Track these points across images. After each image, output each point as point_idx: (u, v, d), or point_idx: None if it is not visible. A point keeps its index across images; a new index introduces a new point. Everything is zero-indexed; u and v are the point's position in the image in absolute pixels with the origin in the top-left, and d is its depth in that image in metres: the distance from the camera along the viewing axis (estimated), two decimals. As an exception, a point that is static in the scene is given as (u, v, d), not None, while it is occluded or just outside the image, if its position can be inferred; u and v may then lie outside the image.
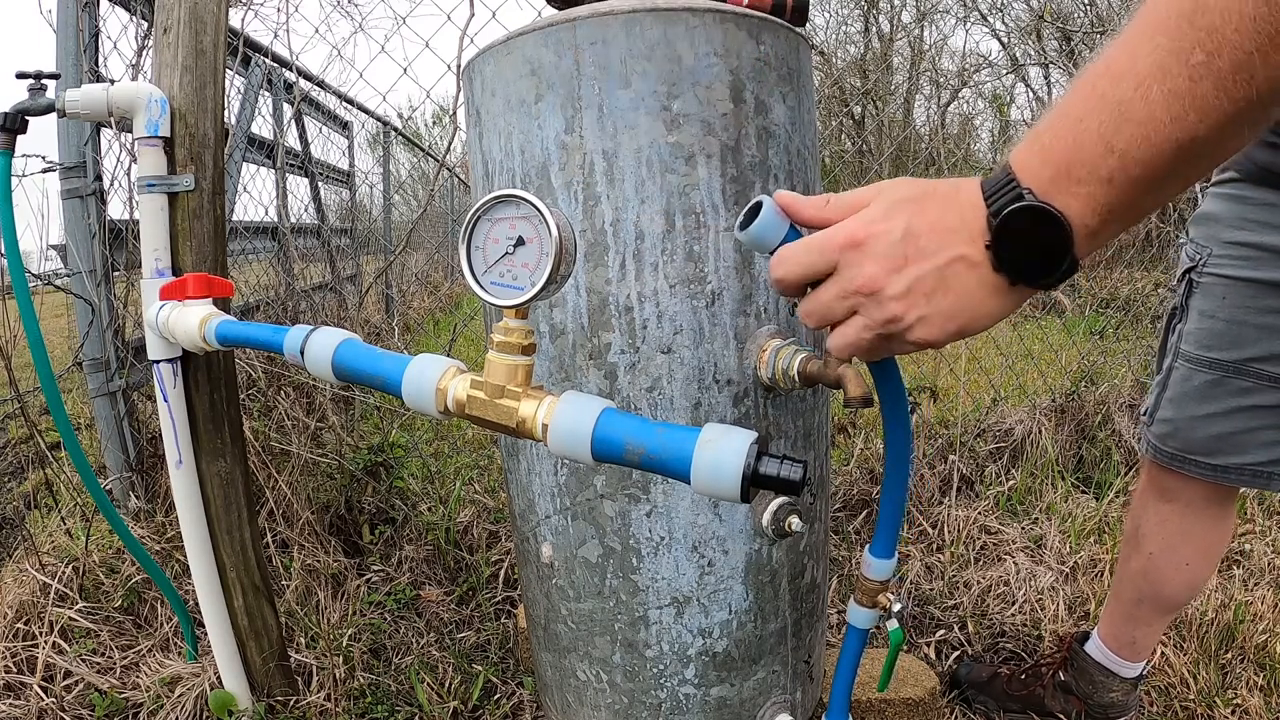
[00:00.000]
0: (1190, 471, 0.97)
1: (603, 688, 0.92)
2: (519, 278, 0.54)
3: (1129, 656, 1.10)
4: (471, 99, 0.88)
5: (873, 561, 0.77)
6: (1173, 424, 0.98)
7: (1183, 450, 0.97)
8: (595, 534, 0.86)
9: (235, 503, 1.14)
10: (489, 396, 0.57)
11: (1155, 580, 1.05)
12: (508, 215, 0.54)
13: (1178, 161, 0.42)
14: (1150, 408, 1.02)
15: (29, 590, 1.33)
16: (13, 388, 1.51)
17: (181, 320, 0.94)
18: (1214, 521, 1.02)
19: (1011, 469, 2.04)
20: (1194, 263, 0.95)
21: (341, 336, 0.71)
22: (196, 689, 1.19)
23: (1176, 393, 0.97)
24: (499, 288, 0.55)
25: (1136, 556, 1.07)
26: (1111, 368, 2.44)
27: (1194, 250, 0.95)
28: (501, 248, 0.55)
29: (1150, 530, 1.05)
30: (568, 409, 0.54)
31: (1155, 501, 1.04)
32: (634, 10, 0.74)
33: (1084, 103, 0.44)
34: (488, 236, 0.56)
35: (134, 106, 1.00)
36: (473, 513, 1.80)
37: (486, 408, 0.57)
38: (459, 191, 7.73)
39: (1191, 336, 0.95)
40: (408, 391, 0.61)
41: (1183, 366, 0.96)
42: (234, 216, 2.24)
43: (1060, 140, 0.45)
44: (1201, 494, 1.00)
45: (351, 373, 0.68)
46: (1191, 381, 0.95)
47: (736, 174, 0.79)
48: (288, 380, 1.86)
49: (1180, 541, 1.03)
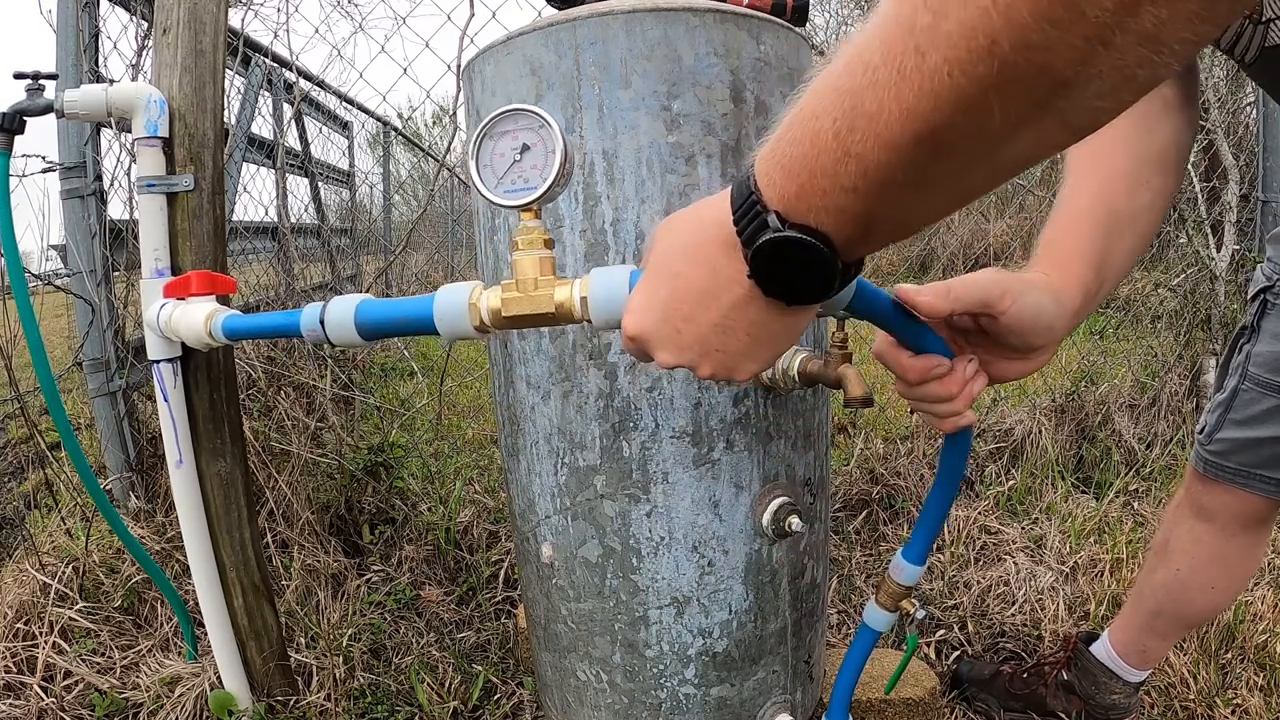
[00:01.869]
0: (1254, 488, 0.93)
1: (603, 688, 0.92)
2: (529, 180, 0.60)
3: (1136, 664, 1.09)
4: (471, 99, 0.88)
5: (905, 566, 0.77)
6: (1236, 443, 0.94)
7: (1247, 466, 0.93)
8: (595, 534, 0.86)
9: (235, 502, 1.14)
10: (523, 292, 0.61)
11: (1179, 598, 1.03)
12: (510, 129, 0.60)
13: (923, 162, 0.35)
14: (1209, 427, 0.97)
15: (29, 590, 1.33)
16: (13, 388, 1.51)
17: (185, 317, 0.93)
18: (1248, 549, 0.99)
19: (1011, 469, 2.04)
20: (1271, 283, 0.90)
21: (357, 298, 0.72)
22: (196, 689, 1.19)
23: (1243, 416, 0.93)
24: (511, 193, 0.61)
25: (1163, 569, 1.04)
26: (1111, 368, 2.44)
27: (1271, 270, 0.91)
28: (508, 159, 0.61)
29: (1182, 547, 1.02)
30: (600, 277, 0.58)
31: (1191, 519, 1.01)
32: (634, 10, 0.74)
33: (821, 97, 0.37)
34: (493, 153, 0.61)
35: (133, 107, 1.00)
36: (473, 513, 1.80)
37: (523, 303, 0.61)
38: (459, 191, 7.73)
39: (1262, 359, 0.91)
40: (441, 316, 0.64)
41: (1251, 389, 0.92)
42: (234, 216, 2.25)
43: (798, 146, 0.38)
44: (1243, 517, 0.97)
45: (377, 324, 0.70)
46: (1260, 405, 0.91)
47: (737, 174, 0.79)
48: (288, 380, 1.87)
49: (1210, 564, 1.00)
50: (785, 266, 0.42)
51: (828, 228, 0.40)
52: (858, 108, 0.35)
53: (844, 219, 0.39)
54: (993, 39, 0.29)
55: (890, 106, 0.33)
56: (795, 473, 0.88)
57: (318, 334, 0.73)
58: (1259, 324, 0.92)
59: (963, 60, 0.30)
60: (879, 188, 0.36)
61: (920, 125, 0.33)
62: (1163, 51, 0.29)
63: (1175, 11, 0.27)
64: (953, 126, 0.32)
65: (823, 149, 0.37)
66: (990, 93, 0.31)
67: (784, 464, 0.87)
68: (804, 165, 0.38)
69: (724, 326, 0.46)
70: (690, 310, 0.47)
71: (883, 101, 0.33)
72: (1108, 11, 0.27)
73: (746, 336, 0.47)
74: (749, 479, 0.84)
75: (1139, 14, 0.27)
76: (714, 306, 0.46)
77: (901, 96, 0.33)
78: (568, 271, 0.80)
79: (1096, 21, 0.28)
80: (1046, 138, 0.34)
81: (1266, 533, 1.00)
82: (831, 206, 0.39)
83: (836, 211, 0.39)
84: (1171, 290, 2.47)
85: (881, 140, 0.34)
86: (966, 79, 0.31)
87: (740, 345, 0.47)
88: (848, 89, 0.35)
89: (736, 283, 0.44)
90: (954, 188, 0.37)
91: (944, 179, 0.36)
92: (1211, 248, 2.32)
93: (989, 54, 0.30)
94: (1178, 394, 2.23)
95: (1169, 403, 2.21)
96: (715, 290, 0.45)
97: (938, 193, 0.38)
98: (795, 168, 0.39)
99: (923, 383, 0.58)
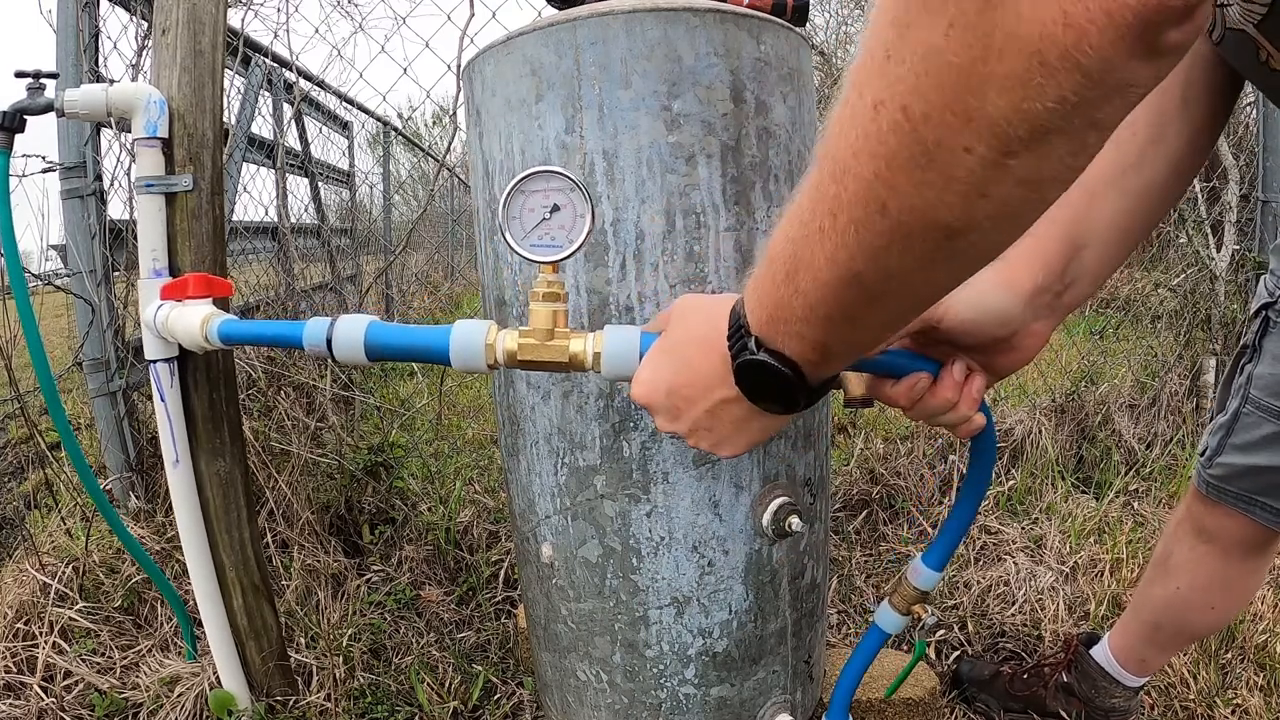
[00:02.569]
0: (1255, 515, 0.90)
1: (603, 688, 0.92)
2: (555, 238, 0.65)
3: (1136, 671, 1.09)
4: (472, 99, 0.88)
5: (923, 570, 0.77)
6: (1236, 469, 0.90)
7: (1248, 492, 0.90)
8: (595, 534, 0.86)
9: (234, 502, 1.14)
10: (540, 340, 0.66)
11: (1178, 615, 1.02)
12: (541, 188, 0.64)
13: (858, 298, 0.40)
14: (1210, 449, 0.93)
15: (29, 590, 1.32)
16: (13, 388, 1.51)
17: (182, 319, 0.93)
18: (1249, 574, 0.97)
19: (1011, 469, 2.04)
20: (1273, 298, 0.85)
21: (366, 319, 0.72)
22: (196, 689, 1.19)
23: (1243, 441, 0.89)
24: (539, 248, 0.65)
25: (1163, 585, 1.02)
26: (1111, 368, 2.44)
27: (1274, 284, 0.85)
28: (538, 215, 0.65)
29: (1182, 565, 1.00)
30: (614, 335, 0.64)
31: (1192, 538, 0.98)
32: (634, 10, 0.74)
33: (779, 244, 0.44)
34: (523, 208, 0.65)
35: (132, 107, 1.00)
36: (473, 513, 1.80)
37: (539, 350, 0.66)
38: (459, 191, 7.72)
39: (1263, 382, 0.86)
40: (457, 352, 0.67)
41: (1253, 414, 0.88)
42: (234, 216, 2.24)
43: (763, 283, 0.46)
44: (1244, 542, 0.94)
45: (387, 349, 0.71)
46: (1260, 430, 0.87)
47: (737, 174, 0.79)
48: (288, 380, 1.86)
49: (1211, 585, 0.98)
50: (760, 383, 0.50)
51: (793, 352, 0.47)
52: (798, 255, 0.42)
53: (805, 345, 0.46)
54: (883, 203, 0.35)
55: (819, 256, 0.40)
56: (795, 473, 0.88)
57: (321, 350, 0.73)
58: (1260, 343, 0.88)
59: (861, 220, 0.36)
60: (824, 320, 0.43)
61: (843, 271, 0.39)
62: (1042, 188, 0.33)
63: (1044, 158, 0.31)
64: (868, 271, 0.38)
65: (779, 286, 0.44)
66: (891, 244, 0.36)
67: (784, 464, 0.87)
68: (770, 298, 0.46)
69: (714, 414, 0.56)
70: (689, 394, 0.56)
71: (814, 252, 0.40)
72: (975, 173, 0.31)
73: (730, 427, 0.56)
74: (749, 479, 0.84)
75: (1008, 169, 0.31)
76: (708, 397, 0.55)
77: (825, 248, 0.39)
78: (567, 271, 0.80)
79: (968, 180, 0.32)
80: (955, 270, 0.39)
81: (1267, 560, 0.97)
82: (793, 334, 0.46)
83: (797, 338, 0.46)
84: (1171, 290, 2.47)
85: (819, 282, 0.41)
86: (870, 234, 0.36)
87: (725, 432, 0.57)
88: (792, 238, 0.42)
89: (727, 385, 0.52)
90: (884, 319, 0.44)
91: (874, 312, 0.42)
92: (1211, 248, 2.32)
93: (882, 214, 0.35)
94: (1178, 394, 2.23)
95: (1169, 403, 2.21)
96: (711, 384, 0.54)
97: (872, 322, 0.44)
98: (765, 300, 0.46)
99: (915, 402, 0.61)
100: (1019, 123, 0.29)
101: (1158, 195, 0.68)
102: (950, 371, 0.60)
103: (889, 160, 0.33)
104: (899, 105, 0.32)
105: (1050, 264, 0.63)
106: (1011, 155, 0.30)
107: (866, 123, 0.33)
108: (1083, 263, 0.64)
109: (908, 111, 0.31)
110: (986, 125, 0.30)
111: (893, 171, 0.33)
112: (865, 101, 0.34)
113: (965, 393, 0.60)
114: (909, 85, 0.31)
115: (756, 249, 0.81)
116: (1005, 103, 0.29)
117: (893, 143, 0.33)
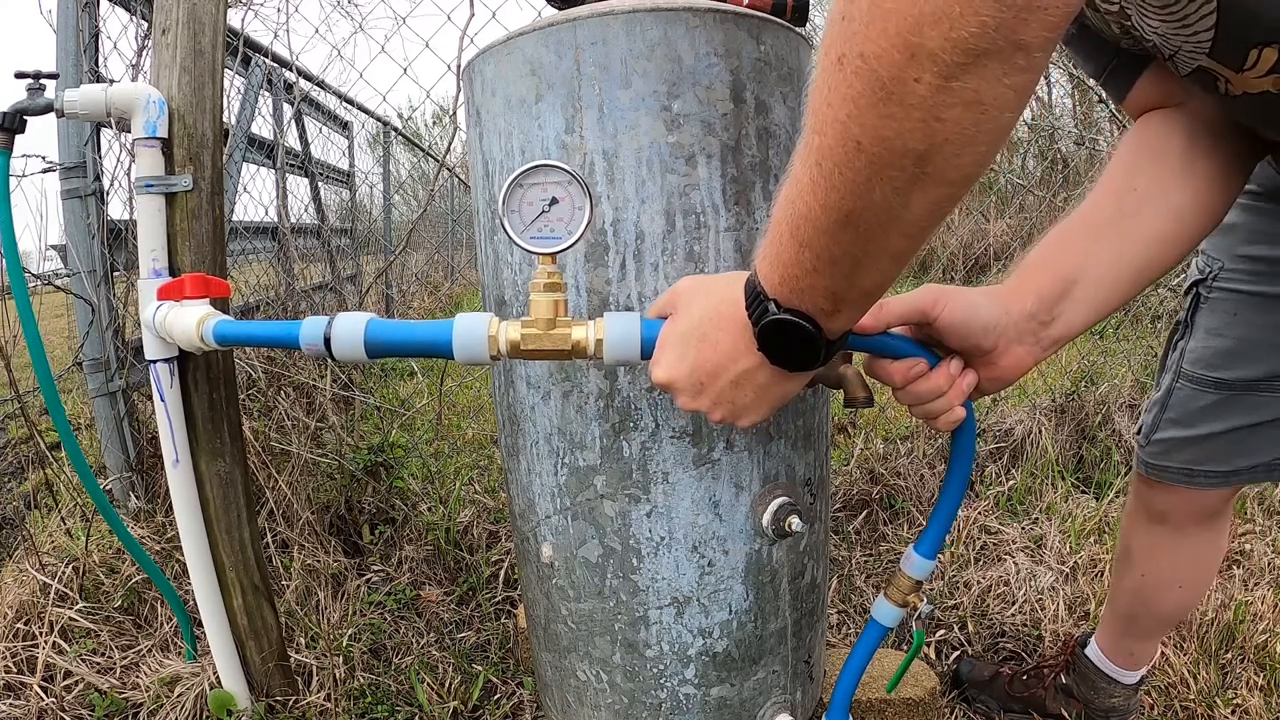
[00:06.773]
0: (1199, 484, 0.92)
1: (603, 688, 0.92)
2: (555, 230, 0.66)
3: (1126, 665, 1.09)
4: (472, 99, 0.88)
5: (916, 559, 0.78)
6: (1175, 442, 0.92)
7: (1189, 464, 0.92)
8: (595, 534, 0.86)
9: (234, 502, 1.14)
10: (542, 330, 0.67)
11: (1148, 600, 1.03)
12: (540, 181, 0.65)
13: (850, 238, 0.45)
14: (1146, 427, 0.96)
15: (29, 590, 1.33)
16: (13, 388, 1.51)
17: (179, 320, 0.93)
18: (1208, 542, 0.98)
19: (1011, 469, 2.04)
20: (1204, 275, 0.88)
21: (365, 317, 0.72)
22: (196, 689, 1.19)
23: (1180, 414, 0.91)
24: (538, 240, 0.66)
25: (1129, 575, 1.04)
26: (1111, 368, 2.44)
27: (1204, 263, 0.89)
28: (537, 209, 0.66)
29: (1142, 552, 1.02)
30: (615, 321, 0.65)
31: (1145, 524, 1.00)
32: (634, 10, 0.74)
33: (779, 206, 0.49)
34: (522, 201, 0.66)
35: (132, 107, 1.00)
36: (473, 513, 1.80)
37: (542, 339, 0.67)
38: (459, 191, 7.72)
39: (1196, 355, 0.89)
40: (459, 344, 0.68)
41: (1186, 387, 0.90)
42: (234, 216, 2.24)
43: (773, 246, 0.51)
44: (1195, 513, 0.96)
45: (387, 345, 0.71)
46: (1196, 403, 0.89)
47: (737, 174, 0.79)
48: (288, 380, 1.86)
49: (1173, 564, 0.99)
50: (780, 344, 0.54)
51: (809, 307, 0.51)
52: (796, 210, 0.47)
53: (818, 295, 0.50)
54: (856, 141, 0.40)
55: (813, 204, 0.45)
56: (795, 473, 0.88)
57: (318, 350, 0.72)
58: (1192, 319, 0.91)
59: (842, 161, 0.42)
60: (829, 266, 0.48)
61: (835, 214, 0.44)
62: (987, 109, 0.38)
63: (983, 79, 0.36)
64: (857, 208, 0.43)
65: (785, 245, 0.49)
66: (871, 178, 0.41)
67: (784, 464, 0.87)
68: (780, 259, 0.50)
69: (737, 385, 0.59)
70: (713, 369, 0.59)
71: (809, 202, 0.45)
72: (927, 100, 0.37)
73: (753, 394, 0.60)
74: (749, 479, 0.84)
75: (953, 92, 0.37)
76: (731, 369, 0.58)
77: (817, 195, 0.44)
78: (567, 271, 0.80)
79: (922, 106, 0.38)
80: (934, 198, 0.43)
81: (1224, 523, 0.99)
82: (805, 288, 0.50)
83: (810, 290, 0.50)
84: (1171, 290, 2.47)
85: (819, 229, 0.46)
86: (852, 171, 0.42)
87: (747, 400, 0.60)
88: (790, 198, 0.47)
89: (749, 354, 0.57)
90: (882, 254, 0.47)
91: (871, 248, 0.46)
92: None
93: (858, 151, 0.41)
94: (1178, 394, 2.22)
95: (1169, 403, 2.21)
96: (735, 355, 0.58)
97: (874, 260, 0.47)
98: (776, 263, 0.51)
99: (908, 383, 0.65)
100: (951, 49, 0.35)
101: (1159, 245, 0.70)
102: (947, 364, 0.65)
103: (855, 100, 0.39)
104: (857, 53, 0.38)
105: (1043, 294, 0.67)
106: (953, 78, 0.36)
107: (834, 75, 0.40)
108: (1073, 299, 0.68)
109: (864, 57, 0.38)
110: (927, 56, 0.36)
111: (860, 109, 0.39)
112: (831, 58, 0.40)
113: (956, 384, 0.65)
114: (862, 35, 0.38)
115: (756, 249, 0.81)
116: (938, 33, 0.35)
117: (857, 85, 0.39)
